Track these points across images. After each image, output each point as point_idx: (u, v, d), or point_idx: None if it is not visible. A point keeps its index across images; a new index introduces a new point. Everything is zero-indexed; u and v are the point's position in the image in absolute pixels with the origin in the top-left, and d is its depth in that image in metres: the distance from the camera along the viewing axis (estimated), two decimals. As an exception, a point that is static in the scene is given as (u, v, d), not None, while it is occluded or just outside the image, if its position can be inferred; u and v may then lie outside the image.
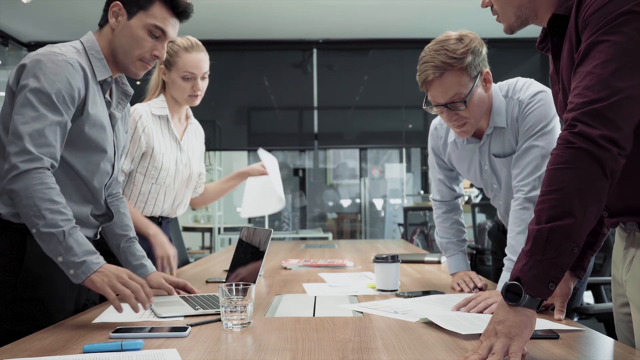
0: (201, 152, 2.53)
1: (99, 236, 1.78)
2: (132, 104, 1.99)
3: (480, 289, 1.89)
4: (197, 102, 2.33)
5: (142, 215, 2.26)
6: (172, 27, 1.65)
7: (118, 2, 1.61)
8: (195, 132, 2.50)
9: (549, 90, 1.81)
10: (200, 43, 2.31)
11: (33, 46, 7.28)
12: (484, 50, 1.78)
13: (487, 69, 1.79)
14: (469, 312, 1.54)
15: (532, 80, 1.88)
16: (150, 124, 2.26)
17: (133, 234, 1.88)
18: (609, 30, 1.09)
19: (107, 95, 1.68)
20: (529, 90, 1.82)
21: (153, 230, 2.21)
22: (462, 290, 1.90)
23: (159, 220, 2.35)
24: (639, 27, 1.08)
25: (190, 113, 2.49)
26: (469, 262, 2.10)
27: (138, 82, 2.21)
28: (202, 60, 2.28)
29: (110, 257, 2.18)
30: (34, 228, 1.42)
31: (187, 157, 2.39)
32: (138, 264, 1.84)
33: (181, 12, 1.66)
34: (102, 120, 1.63)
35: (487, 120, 1.86)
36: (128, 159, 2.23)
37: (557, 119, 1.79)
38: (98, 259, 1.44)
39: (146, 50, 1.63)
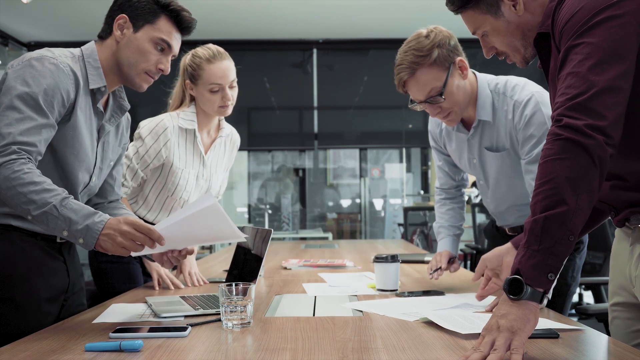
0: (227, 164, 2.43)
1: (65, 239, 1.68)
2: (134, 117, 1.91)
3: (439, 268, 1.96)
4: (229, 112, 2.21)
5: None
6: (176, 41, 1.65)
7: (124, 15, 1.59)
8: (226, 143, 2.39)
9: (542, 90, 1.84)
10: (222, 50, 2.19)
11: (33, 46, 7.27)
12: (453, 41, 1.82)
13: (461, 57, 1.82)
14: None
15: (526, 80, 1.89)
16: (175, 138, 2.16)
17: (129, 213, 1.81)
18: (581, 34, 1.15)
19: (101, 106, 1.64)
20: (524, 91, 1.83)
21: None
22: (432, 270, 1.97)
23: None
24: (609, 30, 1.13)
25: (224, 124, 2.36)
26: (458, 246, 2.10)
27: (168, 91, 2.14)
28: (227, 69, 2.16)
29: None
30: (28, 215, 1.38)
31: (209, 172, 2.30)
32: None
33: (185, 28, 1.66)
34: (84, 129, 1.59)
35: (474, 112, 1.88)
36: (140, 168, 2.15)
37: None
38: (99, 217, 1.38)
39: (152, 64, 1.61)
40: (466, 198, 2.31)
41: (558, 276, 1.08)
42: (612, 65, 1.11)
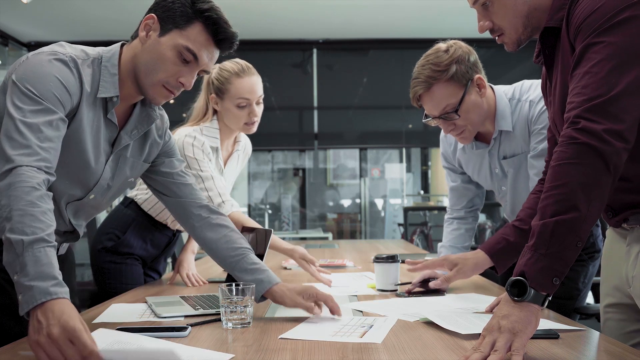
0: (237, 174, 2.41)
1: (60, 252, 1.60)
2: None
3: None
4: (254, 129, 2.19)
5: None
6: (208, 54, 1.41)
7: (154, 15, 1.39)
8: (239, 154, 2.36)
9: None
10: (250, 65, 2.17)
11: (33, 46, 7.27)
12: (472, 57, 1.78)
13: (479, 75, 1.79)
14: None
15: (540, 81, 1.89)
16: (200, 157, 2.12)
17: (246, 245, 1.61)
18: (602, 33, 1.12)
19: (114, 117, 1.44)
20: (537, 89, 1.83)
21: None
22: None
23: (174, 232, 2.32)
24: (630, 30, 1.10)
25: (240, 137, 2.34)
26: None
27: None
28: (255, 84, 2.15)
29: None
30: (2, 234, 1.12)
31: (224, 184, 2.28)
32: (252, 278, 1.52)
33: (222, 40, 1.41)
34: (84, 139, 1.39)
35: (493, 124, 1.86)
36: None
37: None
38: (53, 288, 1.06)
39: (170, 75, 1.38)
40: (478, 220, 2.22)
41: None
42: (633, 68, 1.09)
